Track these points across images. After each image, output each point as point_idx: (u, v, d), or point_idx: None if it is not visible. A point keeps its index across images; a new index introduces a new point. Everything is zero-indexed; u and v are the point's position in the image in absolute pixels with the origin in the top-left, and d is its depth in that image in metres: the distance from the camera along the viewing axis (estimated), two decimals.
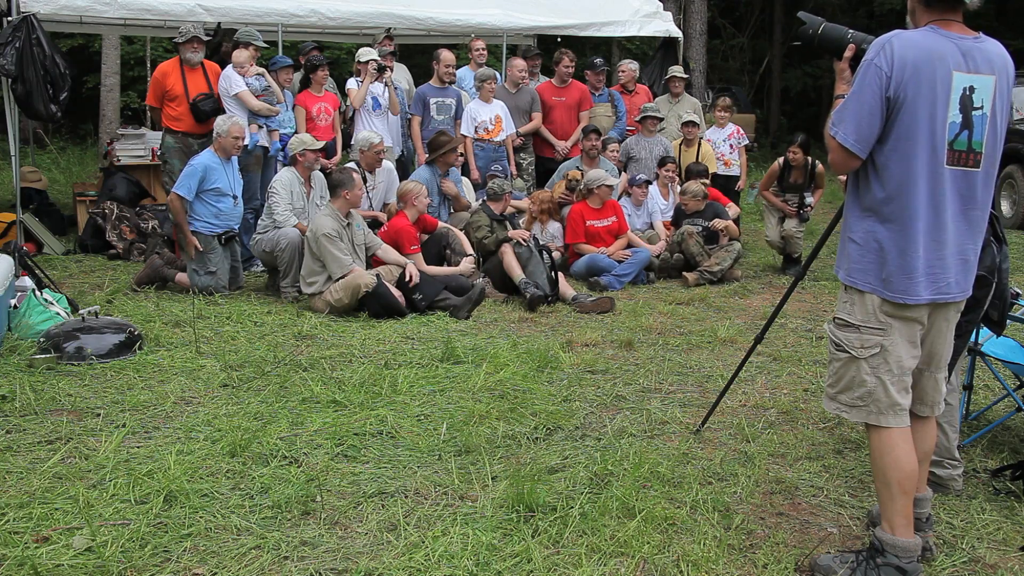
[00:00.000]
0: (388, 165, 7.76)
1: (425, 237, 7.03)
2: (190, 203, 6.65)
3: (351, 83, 8.21)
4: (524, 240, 7.03)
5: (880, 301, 2.72)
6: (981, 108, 2.67)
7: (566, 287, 6.93)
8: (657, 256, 7.80)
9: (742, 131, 9.26)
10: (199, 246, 6.63)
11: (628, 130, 9.10)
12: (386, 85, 8.12)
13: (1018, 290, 4.13)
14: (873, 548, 2.86)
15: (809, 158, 8.15)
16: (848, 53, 2.83)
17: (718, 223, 7.80)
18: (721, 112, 9.22)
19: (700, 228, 7.88)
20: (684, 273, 7.69)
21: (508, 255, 6.90)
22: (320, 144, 7.05)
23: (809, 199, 8.17)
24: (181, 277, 6.88)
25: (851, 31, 2.89)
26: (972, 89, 2.65)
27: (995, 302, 3.57)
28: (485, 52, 9.24)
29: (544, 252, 7.00)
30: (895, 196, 2.67)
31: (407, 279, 6.37)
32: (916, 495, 2.91)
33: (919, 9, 2.74)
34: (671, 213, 8.32)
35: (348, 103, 8.28)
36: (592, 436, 4.13)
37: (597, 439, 4.09)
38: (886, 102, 2.61)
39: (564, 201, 8.07)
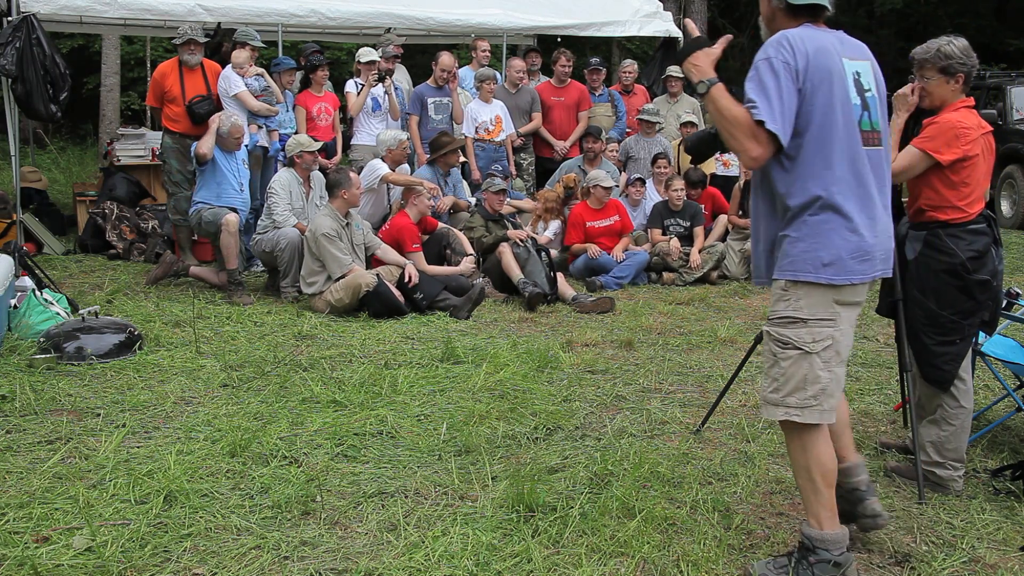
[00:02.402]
0: (404, 165, 7.76)
1: (425, 237, 7.04)
2: (196, 191, 6.83)
3: (350, 87, 8.21)
4: (521, 240, 7.03)
5: (828, 289, 2.70)
6: (870, 90, 2.80)
7: (565, 287, 6.93)
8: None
9: None
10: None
11: (628, 130, 9.10)
12: (387, 92, 8.11)
13: (1018, 290, 4.14)
14: (803, 547, 2.83)
15: None
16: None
17: (694, 261, 7.70)
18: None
19: (682, 229, 7.87)
20: (663, 273, 7.69)
21: (507, 255, 6.90)
22: (317, 145, 7.05)
23: None
24: (196, 271, 6.93)
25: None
26: (859, 74, 2.78)
27: (988, 303, 3.58)
28: (488, 53, 9.25)
29: (542, 252, 7.01)
30: (822, 182, 2.68)
31: (407, 279, 6.37)
32: (846, 464, 2.95)
33: (782, 18, 2.80)
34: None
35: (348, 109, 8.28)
36: (592, 436, 4.13)
37: (597, 439, 4.09)
38: (798, 93, 2.65)
39: (566, 202, 8.08)
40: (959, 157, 3.47)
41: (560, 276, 7.04)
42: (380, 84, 8.05)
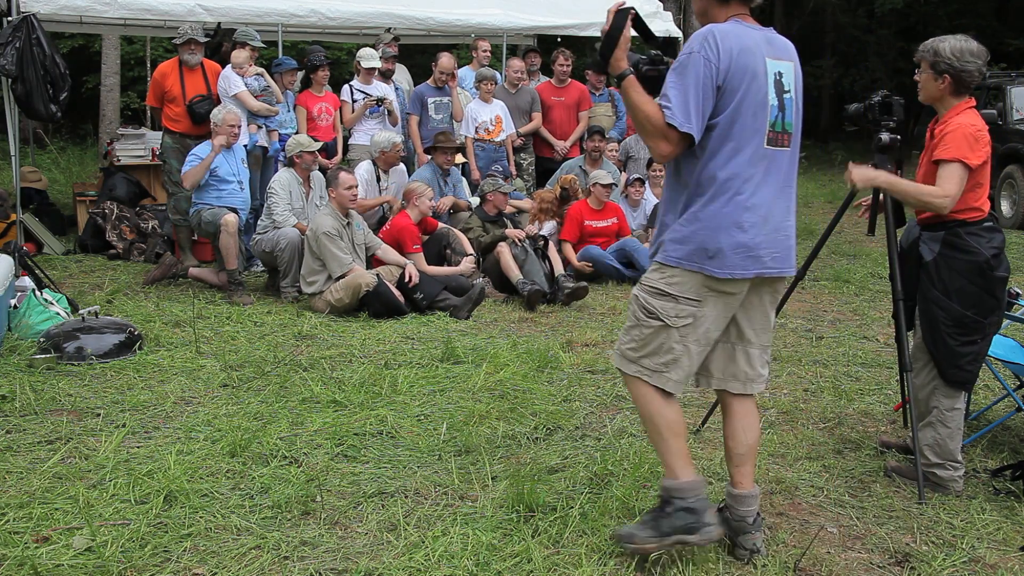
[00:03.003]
0: (401, 167, 7.76)
1: (425, 237, 7.04)
2: (195, 191, 6.83)
3: (345, 94, 8.21)
4: (519, 240, 7.04)
5: (704, 277, 2.78)
6: (790, 92, 2.86)
7: (557, 265, 7.09)
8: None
9: None
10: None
11: (628, 130, 9.10)
12: (388, 112, 8.10)
13: (1018, 290, 4.14)
14: (662, 499, 2.92)
15: None
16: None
17: None
18: None
19: None
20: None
21: (505, 255, 6.91)
22: (317, 145, 7.05)
23: None
24: (195, 272, 6.95)
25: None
26: (781, 74, 2.83)
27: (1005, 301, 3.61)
28: (489, 53, 9.25)
29: (538, 250, 7.05)
30: (721, 177, 2.75)
31: (407, 279, 6.37)
32: (740, 492, 2.98)
33: (714, 8, 2.84)
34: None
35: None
36: (592, 436, 4.13)
37: (597, 439, 4.09)
38: (716, 90, 2.70)
39: (566, 202, 8.08)
40: (984, 160, 3.46)
41: (554, 256, 7.12)
42: (379, 104, 8.03)
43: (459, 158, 8.11)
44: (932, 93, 3.56)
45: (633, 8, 2.83)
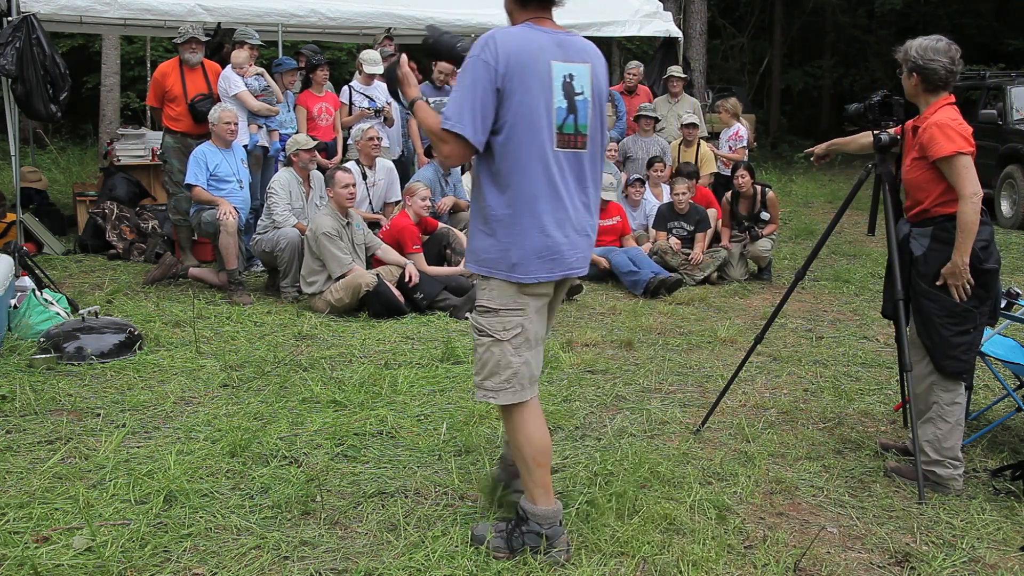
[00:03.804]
0: (388, 164, 7.76)
1: (425, 237, 7.04)
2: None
3: (344, 95, 8.21)
4: None
5: (517, 285, 2.83)
6: (582, 93, 2.85)
7: None
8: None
9: (742, 134, 9.16)
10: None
11: (628, 130, 9.11)
12: (385, 118, 8.09)
13: (1018, 290, 4.14)
14: (519, 517, 3.00)
15: (758, 186, 7.90)
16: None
17: (695, 257, 7.68)
18: (724, 113, 9.20)
19: (685, 232, 7.87)
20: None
21: None
22: (313, 144, 7.05)
23: (762, 224, 7.85)
24: (195, 272, 6.95)
25: (461, 42, 2.98)
26: (572, 76, 2.83)
27: (996, 294, 3.63)
28: None
29: None
30: (514, 183, 2.77)
31: (407, 279, 6.37)
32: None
33: (515, 10, 2.90)
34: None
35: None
36: (592, 436, 4.13)
37: (597, 439, 4.09)
38: (496, 93, 2.71)
39: None
40: (972, 150, 3.49)
41: None
42: (376, 114, 8.02)
43: None
44: (908, 90, 3.67)
45: (401, 54, 2.99)
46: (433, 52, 3.00)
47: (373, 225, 7.22)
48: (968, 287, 3.49)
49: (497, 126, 2.75)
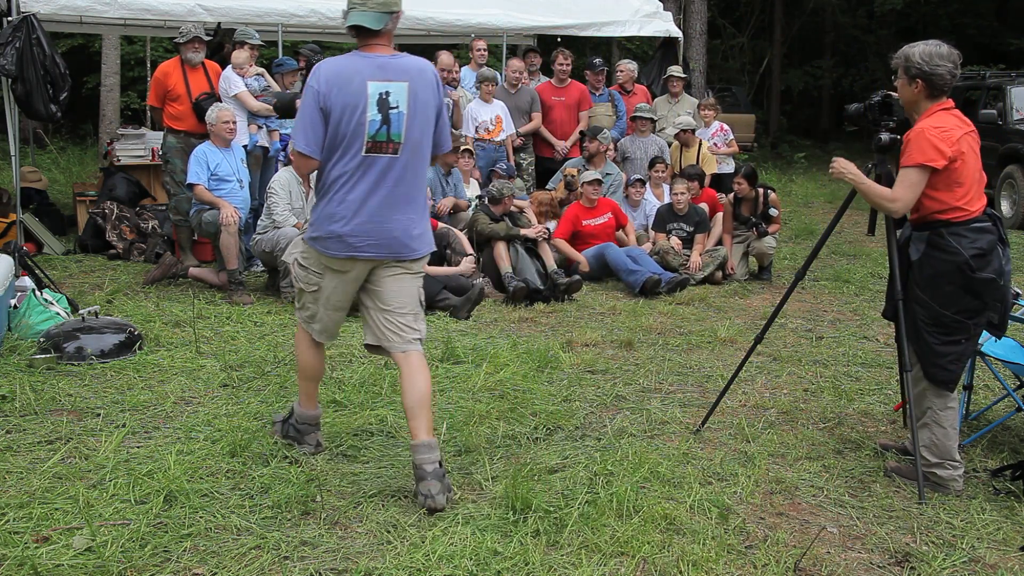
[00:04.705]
0: None
1: None
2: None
3: None
4: (542, 236, 7.16)
5: (322, 255, 3.51)
6: (397, 107, 3.39)
7: (549, 261, 7.13)
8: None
9: (726, 128, 9.25)
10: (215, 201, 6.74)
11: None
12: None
13: (1018, 290, 4.14)
14: (291, 412, 3.92)
15: (760, 189, 7.88)
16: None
17: (693, 265, 7.65)
18: (706, 111, 9.21)
19: (685, 233, 7.87)
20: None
21: (499, 247, 6.94)
22: None
23: (770, 220, 7.84)
24: (196, 272, 6.95)
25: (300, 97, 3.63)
26: (388, 93, 3.37)
27: (996, 305, 3.56)
28: (486, 52, 9.24)
29: (529, 249, 7.08)
30: (329, 180, 3.45)
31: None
32: (415, 442, 3.41)
33: (358, 41, 3.47)
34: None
35: None
36: (592, 436, 4.13)
37: (597, 439, 4.09)
38: (321, 112, 3.35)
39: (567, 201, 8.10)
40: (952, 157, 3.47)
41: (545, 252, 7.15)
42: None
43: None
44: (907, 97, 3.63)
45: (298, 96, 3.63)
46: (283, 112, 3.60)
47: None
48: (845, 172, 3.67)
49: (327, 137, 3.40)
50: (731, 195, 8.01)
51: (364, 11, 3.35)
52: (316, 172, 3.54)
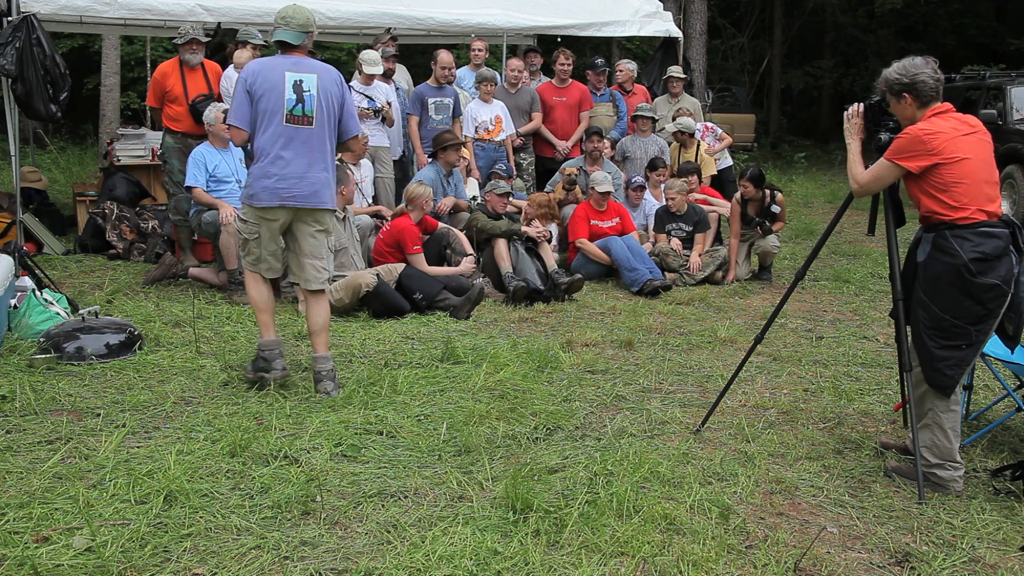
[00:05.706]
0: (366, 161, 7.79)
1: (426, 237, 7.04)
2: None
3: None
4: (544, 236, 7.17)
5: (254, 209, 4.53)
6: (309, 91, 4.50)
7: (550, 261, 7.16)
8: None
9: (711, 125, 9.32)
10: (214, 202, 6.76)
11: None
12: (384, 117, 8.07)
13: None
14: (258, 348, 4.68)
15: (767, 190, 7.83)
16: None
17: (693, 266, 7.66)
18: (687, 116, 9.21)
19: (684, 233, 7.86)
20: (665, 273, 7.65)
21: (500, 246, 6.94)
22: None
23: (772, 217, 7.82)
24: (195, 272, 6.95)
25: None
26: (301, 81, 4.49)
27: (1010, 315, 3.52)
28: (484, 52, 9.24)
29: (529, 249, 7.08)
30: (260, 143, 4.48)
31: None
32: (316, 354, 4.61)
33: (282, 51, 4.62)
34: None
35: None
36: (592, 436, 4.13)
37: (597, 439, 4.09)
38: (247, 94, 4.47)
39: (566, 201, 8.09)
40: (930, 164, 3.47)
41: (546, 253, 7.17)
42: (376, 115, 8.01)
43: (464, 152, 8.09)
44: (903, 115, 3.66)
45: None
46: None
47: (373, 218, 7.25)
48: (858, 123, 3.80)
49: (255, 115, 4.48)
50: (738, 195, 7.99)
51: (287, 30, 4.55)
52: (251, 144, 4.56)
